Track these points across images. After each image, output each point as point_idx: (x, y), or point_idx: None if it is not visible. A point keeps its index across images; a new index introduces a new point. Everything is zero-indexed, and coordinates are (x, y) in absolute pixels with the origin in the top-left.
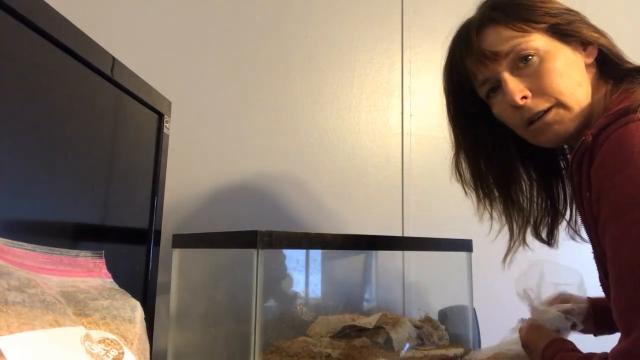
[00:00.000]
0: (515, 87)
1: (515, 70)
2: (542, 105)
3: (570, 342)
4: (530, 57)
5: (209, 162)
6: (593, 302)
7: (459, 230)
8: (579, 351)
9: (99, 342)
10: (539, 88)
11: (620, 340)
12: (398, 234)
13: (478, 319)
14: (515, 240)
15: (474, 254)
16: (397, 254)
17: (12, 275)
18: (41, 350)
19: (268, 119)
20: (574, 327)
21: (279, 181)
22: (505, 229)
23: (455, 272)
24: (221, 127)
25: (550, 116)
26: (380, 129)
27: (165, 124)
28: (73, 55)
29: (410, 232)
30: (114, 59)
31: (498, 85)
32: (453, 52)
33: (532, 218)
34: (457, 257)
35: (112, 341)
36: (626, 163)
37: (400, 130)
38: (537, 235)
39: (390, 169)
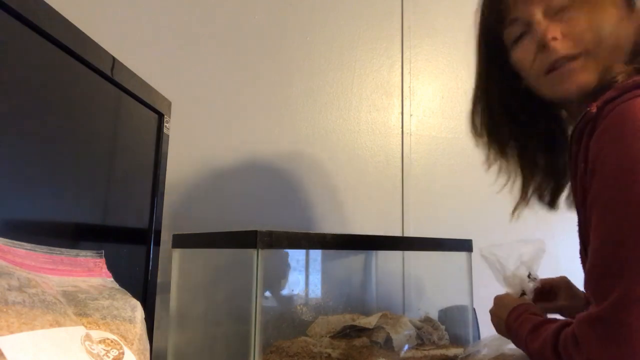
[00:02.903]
0: (547, 26)
1: (550, 15)
2: (572, 49)
3: (534, 306)
4: (566, 5)
5: (209, 162)
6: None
7: (459, 230)
8: (541, 315)
9: (99, 342)
10: (572, 32)
11: (591, 307)
12: (398, 234)
13: (478, 319)
14: (528, 194)
15: (473, 254)
16: (397, 254)
17: (12, 275)
18: (41, 350)
19: (268, 119)
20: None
21: (279, 181)
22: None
23: (455, 272)
24: (221, 127)
25: (577, 64)
26: (380, 129)
27: (165, 124)
28: (73, 55)
29: (410, 232)
30: (114, 59)
31: (528, 31)
32: None
33: (539, 178)
34: (457, 257)
35: (112, 341)
36: (626, 137)
37: (400, 130)
38: (541, 198)
39: (390, 169)
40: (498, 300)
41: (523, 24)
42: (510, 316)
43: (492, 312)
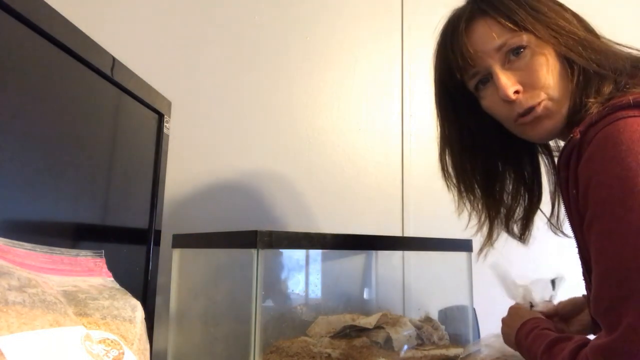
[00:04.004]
0: (507, 81)
1: (506, 64)
2: (533, 100)
3: (545, 321)
4: (522, 50)
5: (209, 162)
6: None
7: (459, 230)
8: (553, 330)
9: (100, 342)
10: (530, 82)
11: (602, 336)
12: (398, 234)
13: (478, 319)
14: (493, 234)
15: (473, 254)
16: (397, 254)
17: (12, 275)
18: (41, 350)
19: (268, 119)
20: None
21: (279, 181)
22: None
23: (455, 272)
24: (221, 127)
25: (540, 109)
26: (380, 129)
27: (165, 124)
28: (73, 55)
29: (410, 232)
30: (114, 59)
31: (488, 78)
32: (444, 42)
33: (511, 214)
34: (457, 257)
35: (112, 341)
36: (613, 160)
37: (400, 130)
38: (510, 231)
39: (390, 169)
40: (512, 310)
41: (483, 74)
42: (522, 330)
43: (504, 321)
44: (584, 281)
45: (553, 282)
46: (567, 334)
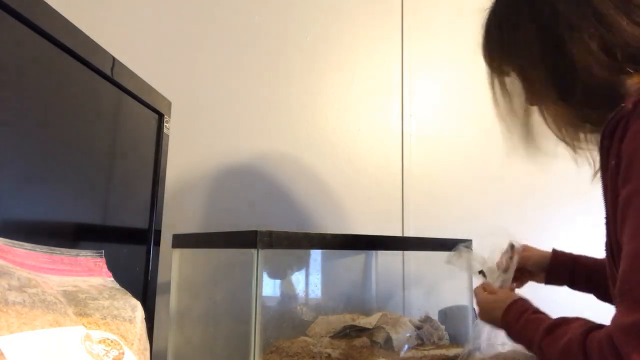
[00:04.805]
0: None
1: None
2: None
3: (530, 302)
4: None
5: (209, 162)
6: (555, 254)
7: (459, 230)
8: (542, 312)
9: (100, 342)
10: None
11: (622, 315)
12: (398, 234)
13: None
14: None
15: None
16: (397, 254)
17: (12, 275)
18: (41, 350)
19: (268, 119)
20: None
21: (279, 181)
22: None
23: (455, 272)
24: (221, 127)
25: None
26: (380, 129)
27: (165, 124)
28: (73, 55)
29: (410, 232)
30: (114, 59)
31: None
32: None
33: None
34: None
35: (112, 341)
36: None
37: (400, 130)
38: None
39: (390, 169)
40: (483, 299)
41: None
42: (509, 316)
43: (481, 313)
44: (605, 250)
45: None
46: (562, 317)
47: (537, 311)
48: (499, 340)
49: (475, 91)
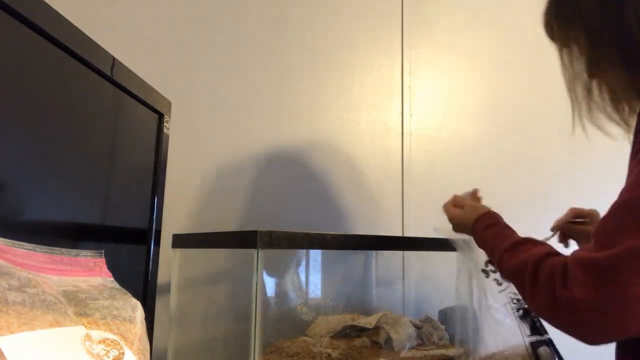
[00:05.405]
0: None
1: None
2: None
3: (501, 217)
4: None
5: (209, 163)
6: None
7: None
8: (512, 229)
9: (100, 342)
10: None
11: (589, 250)
12: (398, 234)
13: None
14: None
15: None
16: (397, 254)
17: (12, 275)
18: (41, 350)
19: (268, 118)
20: None
21: (279, 181)
22: None
23: (455, 272)
24: (221, 127)
25: None
26: (380, 129)
27: (165, 124)
28: (73, 55)
29: (410, 232)
30: (114, 59)
31: None
32: None
33: None
34: (457, 257)
35: (112, 341)
36: None
37: (400, 130)
38: None
39: (390, 169)
40: (454, 213)
41: None
42: (480, 222)
43: (453, 227)
44: None
45: None
46: (530, 238)
47: (507, 226)
48: (490, 300)
49: (475, 91)
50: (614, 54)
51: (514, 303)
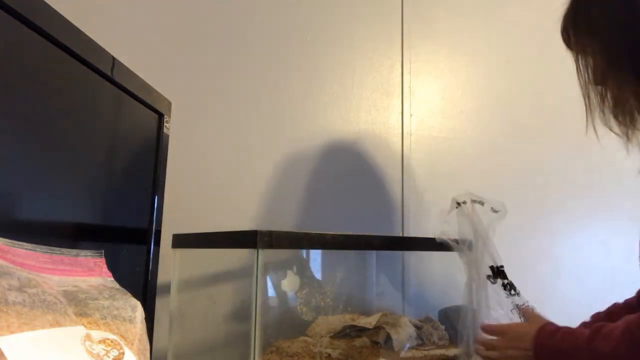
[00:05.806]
0: None
1: None
2: None
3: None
4: None
5: (209, 162)
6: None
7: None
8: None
9: (100, 342)
10: None
11: None
12: (398, 234)
13: None
14: None
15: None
16: (397, 254)
17: (12, 275)
18: (41, 350)
19: (268, 118)
20: None
21: (279, 181)
22: None
23: (455, 272)
24: (221, 127)
25: None
26: (380, 129)
27: (165, 124)
28: (73, 55)
29: (410, 232)
30: (114, 59)
31: None
32: None
33: None
34: (457, 257)
35: (112, 341)
36: None
37: (400, 130)
38: None
39: (390, 169)
40: (504, 336)
41: None
42: (540, 338)
43: (502, 347)
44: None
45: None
46: (600, 323)
47: (568, 327)
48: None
49: (475, 91)
50: (628, 64)
51: (518, 309)
